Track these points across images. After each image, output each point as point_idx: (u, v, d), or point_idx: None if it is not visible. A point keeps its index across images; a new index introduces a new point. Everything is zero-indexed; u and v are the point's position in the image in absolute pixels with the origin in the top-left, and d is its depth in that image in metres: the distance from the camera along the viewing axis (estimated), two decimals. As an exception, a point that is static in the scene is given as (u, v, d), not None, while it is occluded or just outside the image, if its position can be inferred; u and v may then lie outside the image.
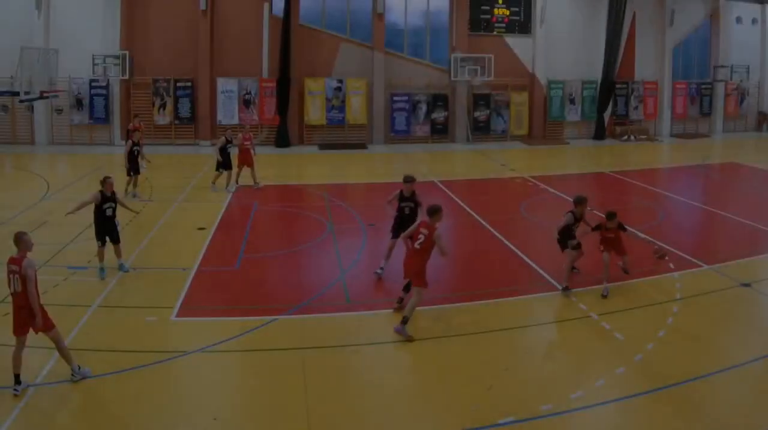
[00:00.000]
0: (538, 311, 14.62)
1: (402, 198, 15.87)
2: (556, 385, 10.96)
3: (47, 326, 10.59)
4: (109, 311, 13.94)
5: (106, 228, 16.12)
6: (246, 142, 26.67)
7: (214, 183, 26.29)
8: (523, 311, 14.59)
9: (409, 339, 12.66)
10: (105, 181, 16.16)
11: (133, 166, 24.37)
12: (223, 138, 26.21)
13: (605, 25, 43.40)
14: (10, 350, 11.89)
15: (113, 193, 16.32)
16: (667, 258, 16.38)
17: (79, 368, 10.73)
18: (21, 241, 10.77)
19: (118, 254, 16.42)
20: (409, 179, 15.91)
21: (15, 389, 10.29)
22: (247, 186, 26.57)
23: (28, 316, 10.40)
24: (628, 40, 45.00)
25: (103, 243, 16.06)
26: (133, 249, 18.09)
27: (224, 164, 26.04)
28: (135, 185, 24.66)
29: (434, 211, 13.23)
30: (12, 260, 10.55)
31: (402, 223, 15.51)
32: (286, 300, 14.66)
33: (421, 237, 13.02)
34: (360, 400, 10.58)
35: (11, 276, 10.46)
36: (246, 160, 26.65)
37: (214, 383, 11.16)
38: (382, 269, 16.14)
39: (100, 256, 16.05)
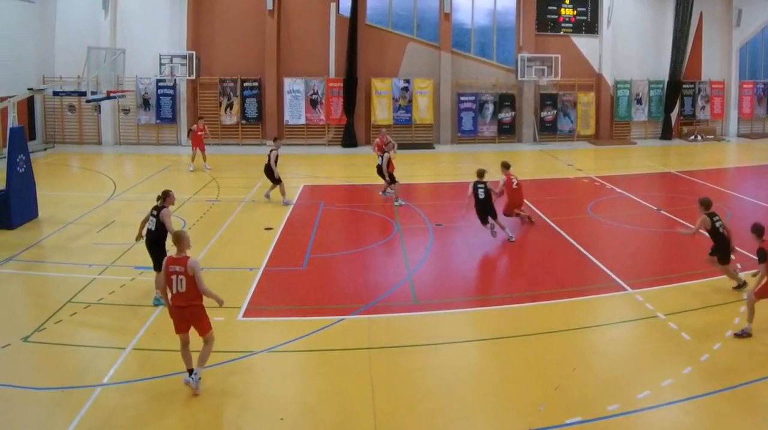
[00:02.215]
0: (605, 311, 14.48)
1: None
2: (623, 385, 10.85)
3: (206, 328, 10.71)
4: (176, 311, 14.09)
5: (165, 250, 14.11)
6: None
7: (396, 198, 24.31)
8: (590, 311, 14.47)
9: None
10: (168, 195, 14.51)
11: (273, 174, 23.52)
12: (386, 153, 24.56)
13: (672, 25, 42.73)
14: (75, 349, 12.22)
15: None
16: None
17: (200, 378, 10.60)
18: (183, 239, 10.79)
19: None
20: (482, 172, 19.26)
21: (186, 380, 10.50)
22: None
23: (191, 315, 10.46)
24: (695, 40, 44.04)
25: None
26: (201, 249, 18.28)
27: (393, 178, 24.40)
28: (284, 192, 23.87)
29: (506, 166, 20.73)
30: (175, 261, 10.53)
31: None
32: (353, 300, 14.74)
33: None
34: (427, 400, 10.55)
35: (174, 277, 10.44)
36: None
37: (281, 383, 11.23)
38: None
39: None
